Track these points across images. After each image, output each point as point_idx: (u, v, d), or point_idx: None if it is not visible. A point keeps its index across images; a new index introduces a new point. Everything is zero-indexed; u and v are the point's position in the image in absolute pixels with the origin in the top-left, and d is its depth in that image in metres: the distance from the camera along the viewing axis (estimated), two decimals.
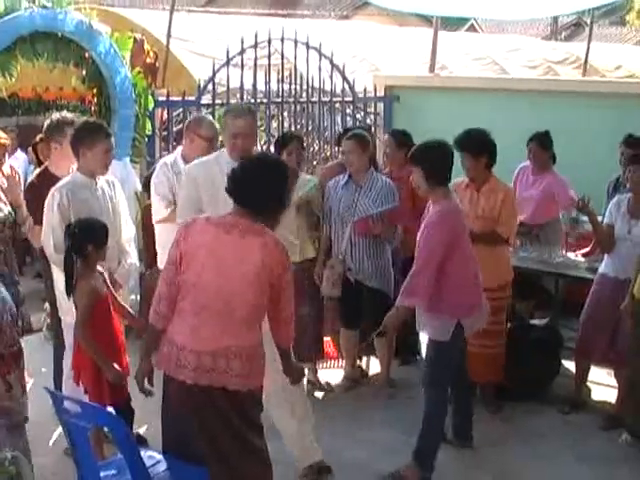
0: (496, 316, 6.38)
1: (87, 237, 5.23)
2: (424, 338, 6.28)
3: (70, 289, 5.26)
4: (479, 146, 6.41)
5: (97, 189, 5.80)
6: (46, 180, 6.11)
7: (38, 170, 6.77)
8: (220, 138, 6.31)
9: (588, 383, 6.94)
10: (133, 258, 6.09)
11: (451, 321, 5.52)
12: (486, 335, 6.33)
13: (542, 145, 7.88)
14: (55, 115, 6.46)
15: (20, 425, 4.41)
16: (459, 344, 5.70)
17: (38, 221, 5.99)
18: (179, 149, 6.63)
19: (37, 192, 6.10)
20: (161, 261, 6.53)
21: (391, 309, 5.67)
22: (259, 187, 4.42)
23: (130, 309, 5.69)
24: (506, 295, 6.58)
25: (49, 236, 5.67)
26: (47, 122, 6.37)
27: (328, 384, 7.22)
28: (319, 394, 7.09)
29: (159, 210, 6.39)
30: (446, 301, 5.47)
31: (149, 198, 6.83)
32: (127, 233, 6.06)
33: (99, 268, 5.36)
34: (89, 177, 5.76)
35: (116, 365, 5.13)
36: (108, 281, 5.43)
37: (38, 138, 8.89)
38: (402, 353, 7.58)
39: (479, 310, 5.68)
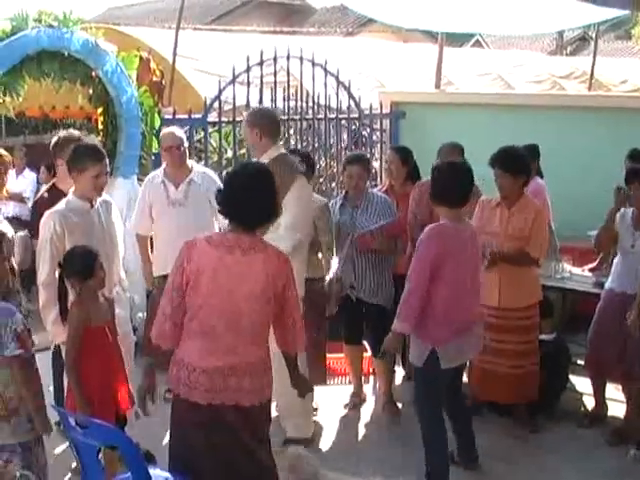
0: (527, 335, 6.41)
1: (70, 270, 5.20)
2: None
3: (63, 316, 5.27)
4: (518, 165, 6.35)
5: (92, 212, 5.77)
6: (54, 195, 6.22)
7: (47, 185, 6.86)
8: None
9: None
10: (124, 283, 6.09)
11: (424, 347, 5.46)
12: (517, 355, 6.37)
13: (530, 156, 7.93)
14: (62, 132, 6.52)
15: (42, 441, 4.45)
16: (436, 372, 5.52)
17: None
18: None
19: (46, 207, 6.14)
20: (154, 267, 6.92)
21: (389, 323, 5.67)
22: (249, 203, 4.41)
23: (132, 330, 5.66)
24: (536, 314, 6.52)
25: (39, 267, 5.67)
26: (54, 139, 6.43)
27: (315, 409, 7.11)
28: (324, 412, 7.07)
29: None
30: (424, 324, 5.41)
31: None
32: (119, 255, 6.04)
33: (105, 294, 5.35)
34: (84, 200, 5.74)
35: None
36: (113, 308, 5.39)
37: None
38: (408, 367, 7.55)
39: (463, 339, 5.56)
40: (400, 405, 7.09)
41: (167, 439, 4.74)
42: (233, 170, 4.75)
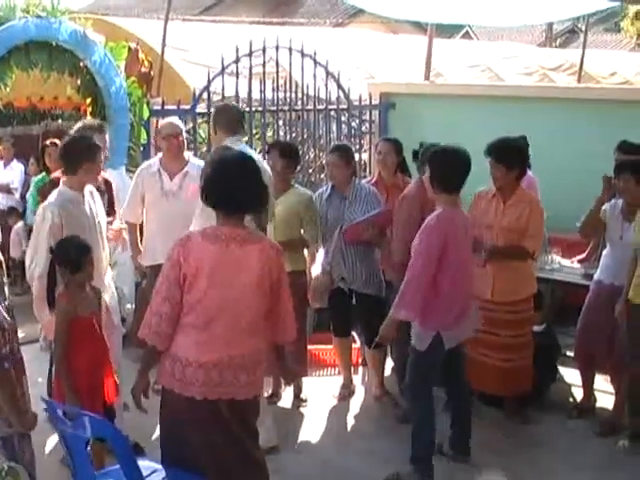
0: (521, 329, 6.42)
1: (61, 259, 5.19)
2: None
3: (51, 306, 5.26)
4: (513, 157, 6.31)
5: (84, 203, 5.76)
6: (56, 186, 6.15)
7: (52, 176, 6.85)
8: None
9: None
10: (107, 277, 6.04)
11: (430, 331, 5.48)
12: (510, 348, 6.37)
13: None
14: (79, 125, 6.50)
15: (27, 434, 4.40)
16: (438, 355, 5.60)
17: None
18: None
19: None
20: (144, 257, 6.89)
21: (383, 313, 5.66)
22: (236, 190, 4.39)
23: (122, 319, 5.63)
24: (530, 308, 6.52)
25: (32, 258, 5.63)
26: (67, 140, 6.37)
27: (303, 399, 7.15)
28: (314, 403, 7.07)
29: None
30: (427, 310, 5.43)
31: None
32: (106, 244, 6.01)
33: (94, 286, 5.34)
34: (77, 191, 5.72)
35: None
36: (101, 300, 5.38)
37: (49, 142, 8.87)
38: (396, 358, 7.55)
39: (463, 322, 5.62)
40: None
41: (156, 430, 4.73)
42: (215, 160, 4.70)
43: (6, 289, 5.31)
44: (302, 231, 6.81)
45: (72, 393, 4.99)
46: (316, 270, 6.97)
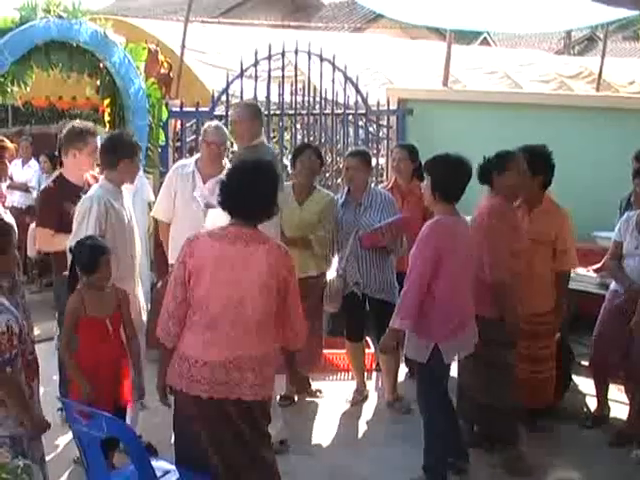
0: (546, 340, 6.38)
1: (77, 260, 5.24)
2: None
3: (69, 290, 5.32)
4: (535, 164, 6.19)
5: (123, 199, 5.88)
6: (62, 186, 6.24)
7: (54, 175, 6.86)
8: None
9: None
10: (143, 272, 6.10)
11: (426, 343, 5.44)
12: (536, 361, 6.33)
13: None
14: (77, 123, 6.51)
15: (38, 436, 4.42)
16: (441, 365, 5.54)
17: (45, 224, 6.09)
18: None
19: (52, 197, 6.23)
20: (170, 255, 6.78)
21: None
22: (250, 196, 4.44)
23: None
24: (554, 320, 6.46)
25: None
26: (68, 128, 6.41)
27: (319, 391, 7.28)
28: (326, 407, 7.08)
29: None
30: (425, 322, 5.39)
31: None
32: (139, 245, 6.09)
33: (120, 288, 5.37)
34: (117, 187, 5.82)
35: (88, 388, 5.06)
36: (125, 301, 5.40)
37: None
38: (410, 365, 7.54)
39: (461, 335, 5.55)
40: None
41: (171, 431, 4.75)
42: (234, 165, 4.76)
43: (23, 288, 5.35)
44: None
45: (83, 384, 5.03)
46: (331, 274, 6.99)
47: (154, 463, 4.44)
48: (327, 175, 10.02)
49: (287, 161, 8.73)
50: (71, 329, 5.17)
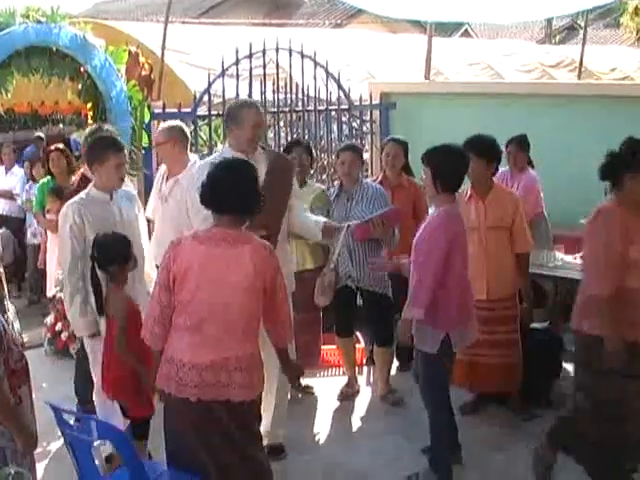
0: (510, 325, 6.40)
1: (108, 258, 5.26)
2: None
3: (100, 308, 5.33)
4: (492, 152, 6.35)
5: (112, 204, 5.78)
6: (85, 184, 6.13)
7: (78, 175, 7.04)
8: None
9: None
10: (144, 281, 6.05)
11: (440, 331, 5.44)
12: (503, 345, 6.36)
13: (521, 147, 8.01)
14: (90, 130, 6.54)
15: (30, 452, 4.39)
16: (447, 356, 5.59)
17: None
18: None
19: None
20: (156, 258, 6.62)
21: (391, 311, 5.62)
22: (231, 192, 4.45)
23: None
24: (517, 304, 6.52)
25: (62, 259, 5.70)
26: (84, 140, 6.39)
27: (308, 386, 7.27)
28: (319, 403, 7.08)
29: None
30: (437, 311, 5.38)
31: None
32: (142, 248, 6.01)
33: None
34: (104, 192, 5.76)
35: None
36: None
37: (53, 147, 8.90)
38: (401, 358, 7.56)
39: (470, 322, 5.60)
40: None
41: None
42: (216, 164, 4.75)
43: (6, 302, 5.31)
44: None
45: (142, 368, 5.05)
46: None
47: (147, 465, 4.43)
48: (312, 172, 10.00)
49: None
50: (126, 317, 5.17)
